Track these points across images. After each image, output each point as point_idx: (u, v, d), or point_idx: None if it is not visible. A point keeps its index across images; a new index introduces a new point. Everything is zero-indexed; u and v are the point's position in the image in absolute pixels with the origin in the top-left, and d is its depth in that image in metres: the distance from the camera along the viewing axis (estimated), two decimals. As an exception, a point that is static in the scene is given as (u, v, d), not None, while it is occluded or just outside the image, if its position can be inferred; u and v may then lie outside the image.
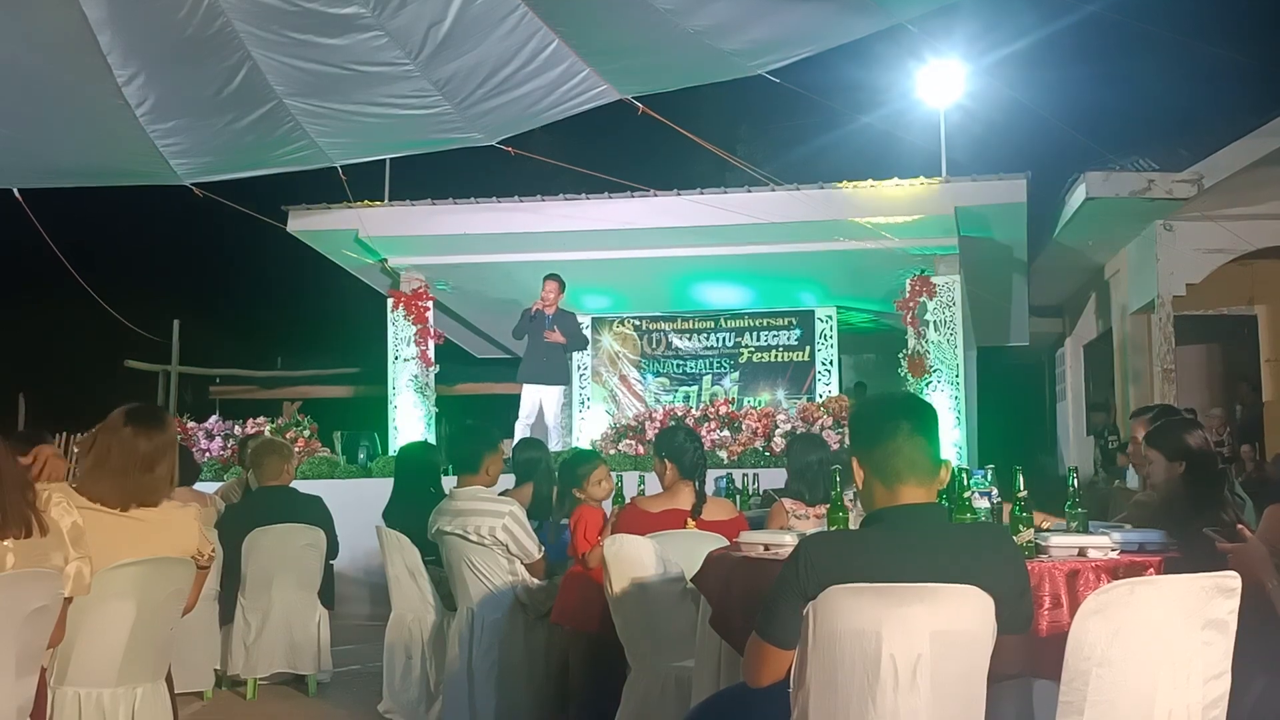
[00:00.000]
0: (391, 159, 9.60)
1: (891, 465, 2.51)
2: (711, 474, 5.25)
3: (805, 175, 11.10)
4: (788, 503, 5.00)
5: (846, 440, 8.20)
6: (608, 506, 5.04)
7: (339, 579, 6.97)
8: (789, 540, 3.31)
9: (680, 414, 9.97)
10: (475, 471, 5.11)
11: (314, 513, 6.13)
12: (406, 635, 5.40)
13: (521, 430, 9.90)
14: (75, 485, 3.25)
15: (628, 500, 4.96)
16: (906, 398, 2.74)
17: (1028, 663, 2.83)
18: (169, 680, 3.52)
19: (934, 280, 10.21)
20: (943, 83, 10.49)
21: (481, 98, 6.92)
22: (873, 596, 2.39)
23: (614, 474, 5.28)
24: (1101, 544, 3.18)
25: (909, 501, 2.51)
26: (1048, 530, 3.45)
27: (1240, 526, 3.08)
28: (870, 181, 9.88)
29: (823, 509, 4.54)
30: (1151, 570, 3.06)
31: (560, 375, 10.46)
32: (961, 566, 2.43)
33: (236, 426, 10.09)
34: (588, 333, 12.49)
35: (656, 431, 9.47)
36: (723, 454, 9.24)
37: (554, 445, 9.50)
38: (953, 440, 9.78)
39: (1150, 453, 3.97)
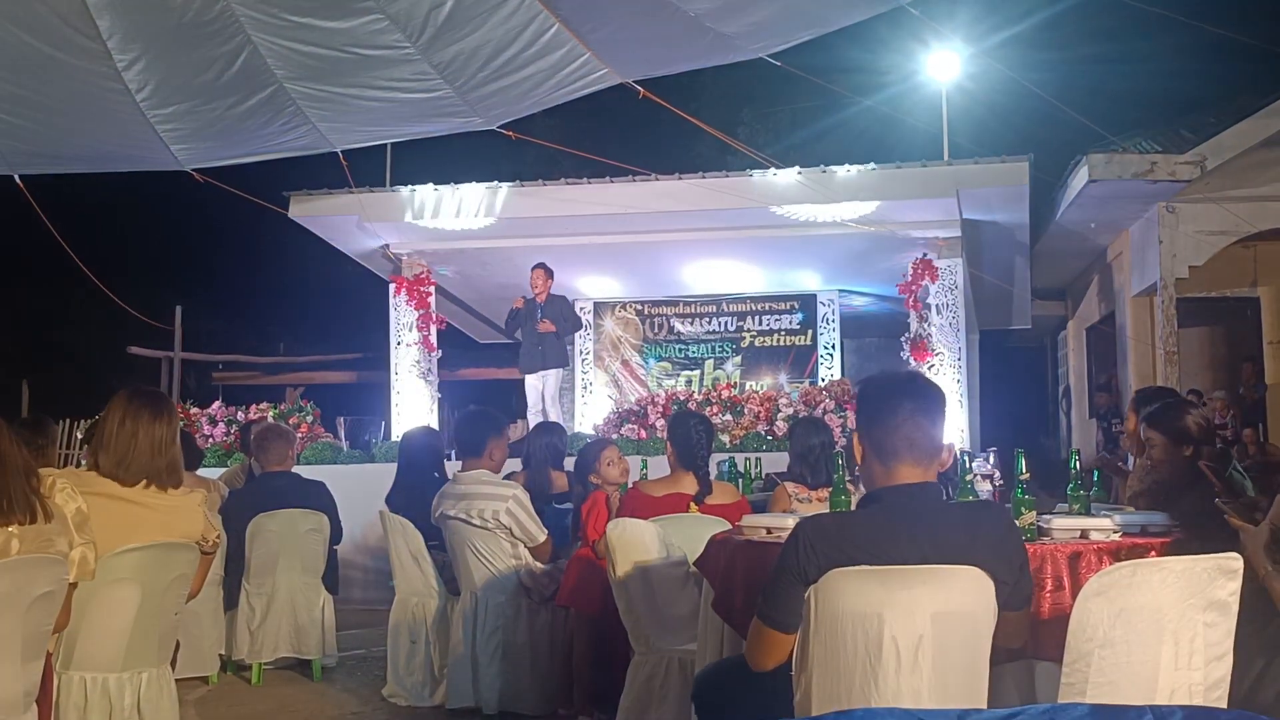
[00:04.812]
0: (393, 144, 9.58)
1: (889, 443, 2.51)
2: (713, 458, 5.26)
3: (807, 158, 11.08)
4: (790, 486, 5.00)
5: (849, 424, 8.21)
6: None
7: (342, 564, 6.99)
8: (791, 523, 3.31)
9: (683, 398, 9.96)
10: (479, 456, 5.12)
11: (317, 498, 6.15)
12: (410, 619, 5.42)
13: (534, 420, 9.93)
14: (93, 469, 3.26)
15: (630, 484, 4.98)
16: (914, 378, 2.72)
17: (1030, 644, 2.84)
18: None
19: (936, 263, 10.20)
20: (945, 65, 10.46)
21: (482, 81, 6.89)
22: (874, 579, 2.39)
23: (615, 459, 5.29)
24: (1104, 526, 3.19)
25: (905, 481, 2.51)
26: (1050, 514, 3.46)
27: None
28: (872, 164, 9.86)
29: (825, 492, 4.55)
30: (1154, 552, 3.06)
31: (558, 359, 10.48)
32: (959, 545, 2.43)
33: (239, 412, 10.09)
34: (589, 317, 12.49)
35: (659, 416, 9.48)
36: (725, 438, 9.25)
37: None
38: (955, 423, 9.79)
39: (1150, 434, 3.98)
